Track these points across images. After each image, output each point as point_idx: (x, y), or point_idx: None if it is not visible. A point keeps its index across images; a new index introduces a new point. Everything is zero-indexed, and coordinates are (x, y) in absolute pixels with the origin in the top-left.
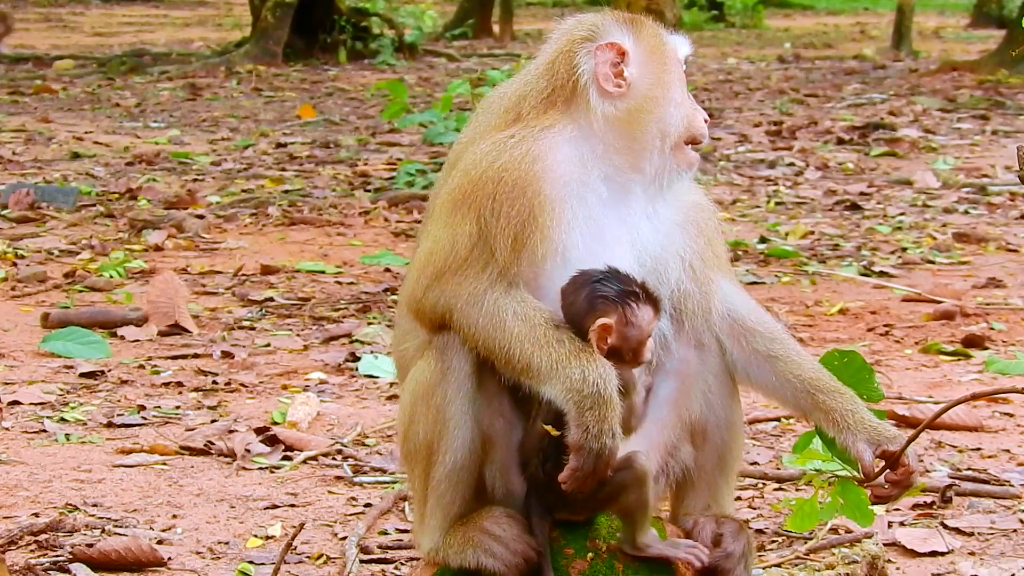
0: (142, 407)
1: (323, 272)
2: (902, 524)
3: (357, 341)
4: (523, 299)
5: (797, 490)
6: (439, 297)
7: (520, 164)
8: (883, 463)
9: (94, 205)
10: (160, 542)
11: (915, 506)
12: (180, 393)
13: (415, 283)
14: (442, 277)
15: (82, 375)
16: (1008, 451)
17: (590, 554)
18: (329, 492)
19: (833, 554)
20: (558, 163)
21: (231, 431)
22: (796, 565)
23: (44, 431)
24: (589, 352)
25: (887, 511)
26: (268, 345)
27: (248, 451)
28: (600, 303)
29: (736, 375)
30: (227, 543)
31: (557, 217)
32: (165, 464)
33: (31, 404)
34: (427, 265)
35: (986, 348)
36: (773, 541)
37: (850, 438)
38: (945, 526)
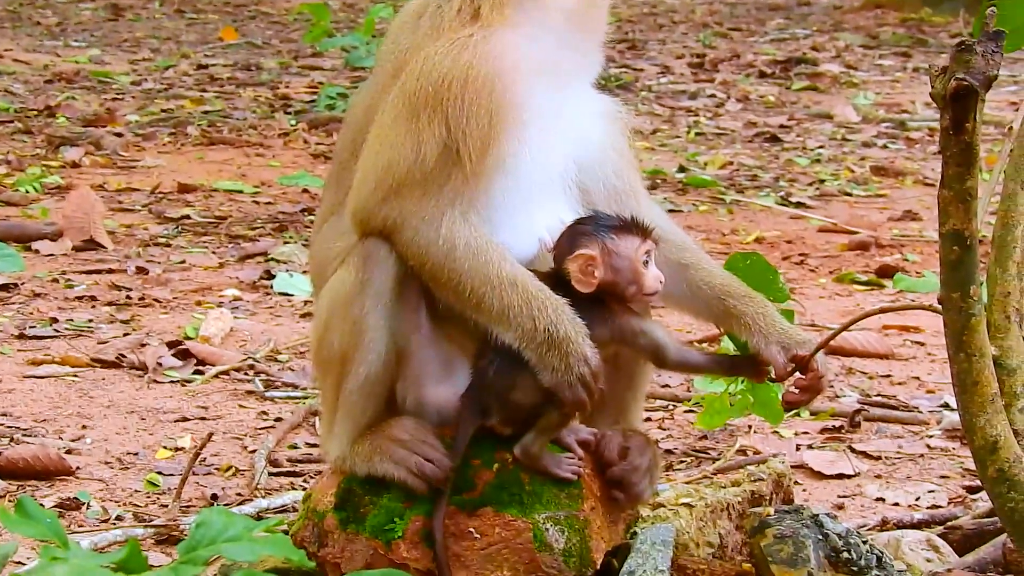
0: (54, 320)
1: (241, 191)
2: (810, 447)
3: (273, 259)
4: (477, 230)
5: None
6: (393, 211)
7: (488, 60)
8: (794, 366)
9: (12, 121)
10: (69, 452)
11: (823, 430)
12: (93, 307)
13: (370, 194)
14: (402, 190)
15: None
16: (918, 378)
17: (496, 465)
18: (240, 406)
19: (740, 472)
20: (521, 59)
21: (143, 345)
22: (701, 483)
23: None
24: (542, 295)
25: (796, 434)
26: (183, 262)
27: (160, 364)
28: (579, 238)
29: None
30: (136, 454)
31: (524, 113)
32: (76, 376)
33: None
34: (386, 176)
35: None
36: (682, 461)
37: (762, 341)
38: (853, 450)
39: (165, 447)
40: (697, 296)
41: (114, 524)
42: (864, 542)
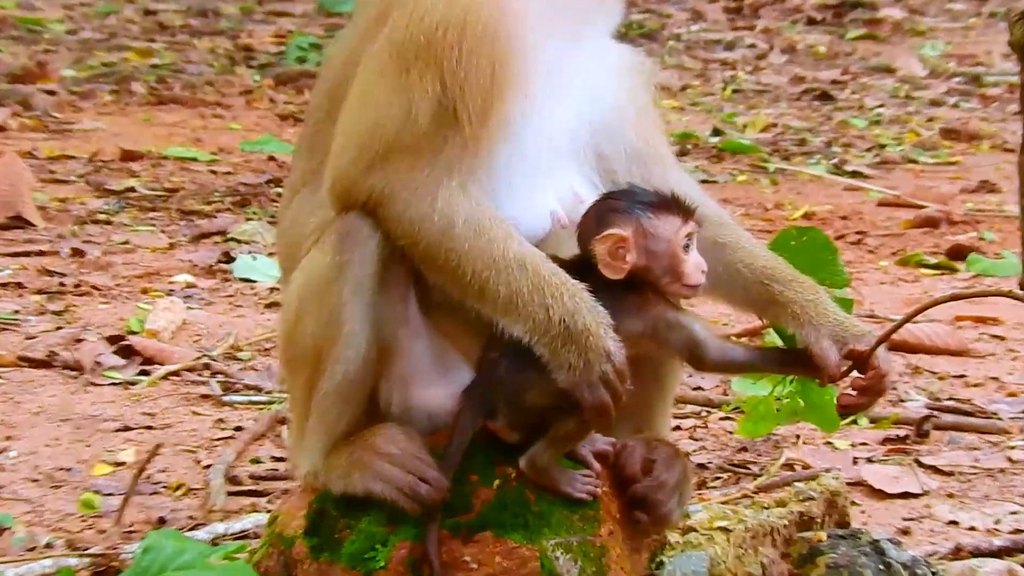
0: None
1: (195, 159)
2: (870, 460)
3: (233, 239)
4: (479, 203)
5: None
6: (380, 182)
7: (490, 3)
8: (850, 364)
9: None
10: None
11: (885, 440)
12: (20, 295)
13: (352, 162)
14: (390, 156)
15: None
16: (996, 379)
17: (497, 481)
18: (193, 413)
19: (786, 490)
20: (529, 1)
21: (79, 340)
22: (740, 503)
23: None
24: (556, 279)
25: (852, 445)
26: (127, 243)
27: (98, 364)
28: (609, 216)
29: None
30: (69, 469)
31: (531, 66)
32: (0, 377)
33: None
34: (372, 140)
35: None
36: (717, 477)
37: (812, 334)
38: (920, 464)
39: (104, 461)
40: (735, 280)
41: (43, 553)
42: (934, 573)
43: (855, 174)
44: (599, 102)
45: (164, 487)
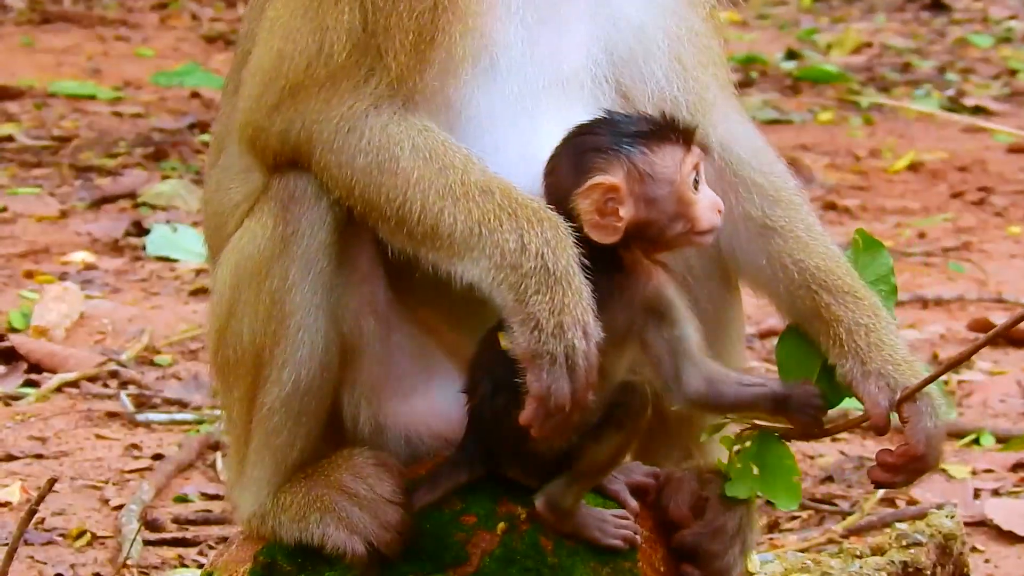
0: None
1: (93, 97)
2: (996, 493)
3: (145, 204)
4: (426, 128)
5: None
6: (294, 122)
7: None
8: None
9: None
10: None
11: (1017, 466)
12: None
13: (256, 101)
14: (300, 92)
15: None
16: None
17: (502, 524)
18: (98, 436)
19: (886, 534)
20: None
21: None
22: (824, 550)
23: None
24: (532, 208)
25: (973, 474)
26: (4, 210)
27: None
28: (590, 159)
29: (720, 248)
30: None
31: None
32: None
33: None
34: (276, 75)
35: None
36: (795, 517)
37: (856, 369)
38: None
39: None
40: (778, 278)
41: None
42: None
43: (977, 110)
44: (619, 23)
45: (61, 535)
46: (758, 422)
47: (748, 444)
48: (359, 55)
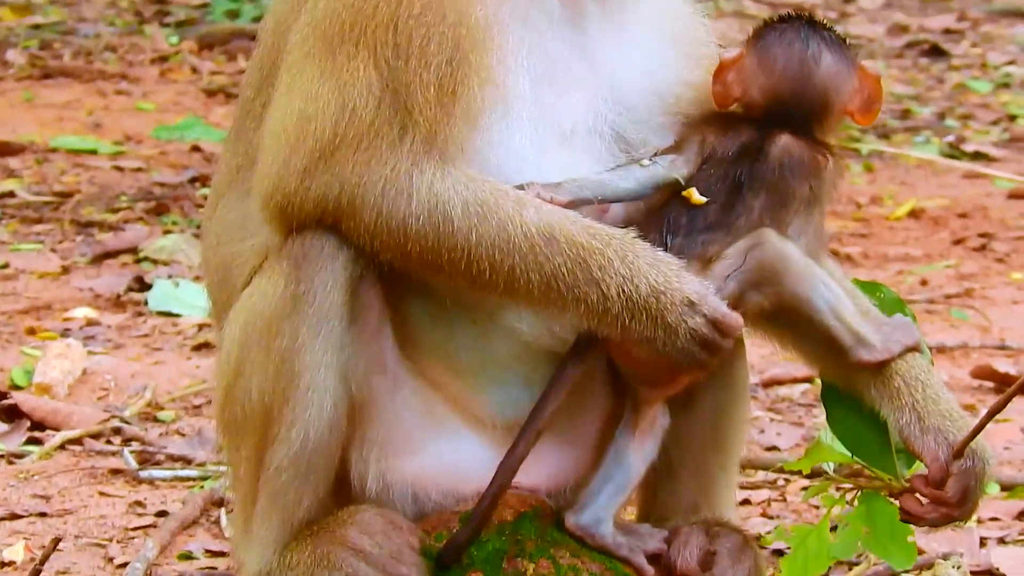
0: None
1: (94, 152)
2: (1002, 541)
3: (147, 259)
4: (471, 181)
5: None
6: (331, 186)
7: None
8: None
9: None
10: None
11: (1021, 514)
12: None
13: (284, 166)
14: (333, 154)
15: None
16: None
17: None
18: (101, 494)
19: None
20: None
21: None
22: None
23: None
24: (596, 248)
25: (978, 522)
26: (6, 266)
27: None
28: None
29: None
30: None
31: (496, 48)
32: None
33: None
34: (302, 136)
35: None
36: None
37: (915, 424)
38: None
39: None
40: (811, 327)
41: None
42: None
43: (977, 156)
44: (613, 88)
45: None
46: (861, 481)
47: (856, 504)
48: (388, 112)
